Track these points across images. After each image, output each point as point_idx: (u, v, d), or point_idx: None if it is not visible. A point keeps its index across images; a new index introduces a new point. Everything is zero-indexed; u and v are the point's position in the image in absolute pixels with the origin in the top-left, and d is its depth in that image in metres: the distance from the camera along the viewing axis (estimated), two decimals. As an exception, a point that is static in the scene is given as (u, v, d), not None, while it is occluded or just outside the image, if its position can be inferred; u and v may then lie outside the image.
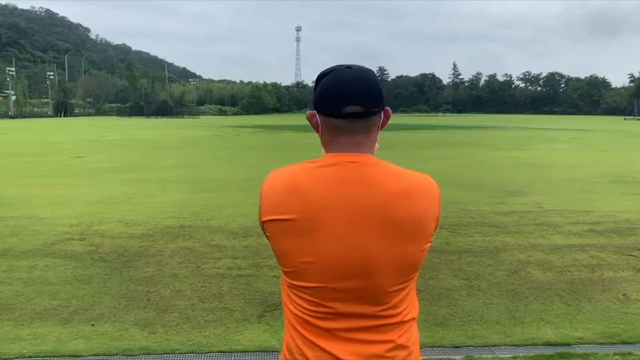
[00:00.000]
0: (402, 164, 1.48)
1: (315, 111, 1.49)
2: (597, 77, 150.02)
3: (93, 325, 4.37)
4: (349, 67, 1.48)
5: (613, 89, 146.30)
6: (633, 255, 6.48)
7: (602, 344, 4.12)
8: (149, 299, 4.95)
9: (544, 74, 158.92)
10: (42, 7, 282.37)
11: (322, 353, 1.44)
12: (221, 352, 3.96)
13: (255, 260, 6.16)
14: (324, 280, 1.43)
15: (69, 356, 3.87)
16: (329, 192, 1.41)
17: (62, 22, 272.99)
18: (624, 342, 4.15)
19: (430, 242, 1.47)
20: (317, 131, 1.52)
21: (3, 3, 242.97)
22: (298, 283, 1.46)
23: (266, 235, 1.50)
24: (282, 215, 1.43)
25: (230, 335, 4.21)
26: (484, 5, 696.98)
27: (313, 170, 1.45)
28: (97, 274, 5.64)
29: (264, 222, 1.48)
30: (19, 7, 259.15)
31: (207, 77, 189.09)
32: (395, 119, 77.86)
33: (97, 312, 4.64)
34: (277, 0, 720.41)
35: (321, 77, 1.50)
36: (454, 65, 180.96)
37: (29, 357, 3.85)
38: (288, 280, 1.49)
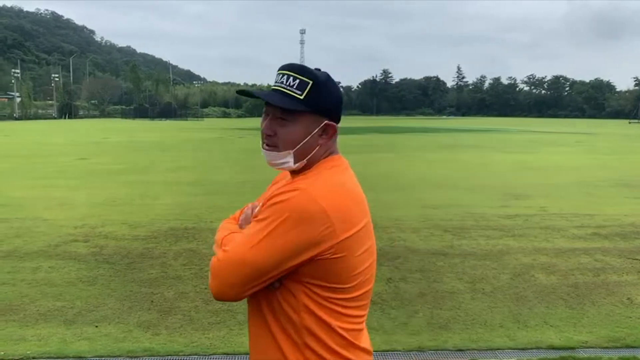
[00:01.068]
0: (406, 166, 1.53)
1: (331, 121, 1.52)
2: (601, 81, 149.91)
3: (97, 326, 4.38)
4: (318, 69, 1.54)
5: (618, 92, 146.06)
6: (637, 259, 6.46)
7: (606, 347, 4.11)
8: (152, 301, 4.96)
9: (548, 77, 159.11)
10: (47, 9, 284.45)
11: (364, 354, 1.49)
12: (224, 354, 3.97)
13: (259, 262, 6.15)
14: (373, 278, 1.51)
15: (73, 357, 3.88)
16: (361, 191, 1.51)
17: (67, 24, 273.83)
18: (628, 346, 4.13)
19: None
20: (316, 139, 1.50)
21: (8, 5, 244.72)
22: (357, 293, 1.44)
23: (333, 259, 1.37)
24: (357, 226, 1.41)
25: (234, 338, 4.21)
26: (488, 8, 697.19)
27: (346, 173, 1.51)
28: (101, 276, 5.65)
29: (339, 242, 1.37)
30: (25, 9, 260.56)
31: (211, 80, 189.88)
32: (399, 122, 77.76)
33: (100, 313, 4.65)
34: (280, 0, 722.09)
35: (327, 81, 1.50)
36: (458, 68, 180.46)
37: (33, 357, 3.86)
38: (343, 296, 1.42)
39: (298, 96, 1.45)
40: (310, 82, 1.46)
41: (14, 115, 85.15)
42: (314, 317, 1.40)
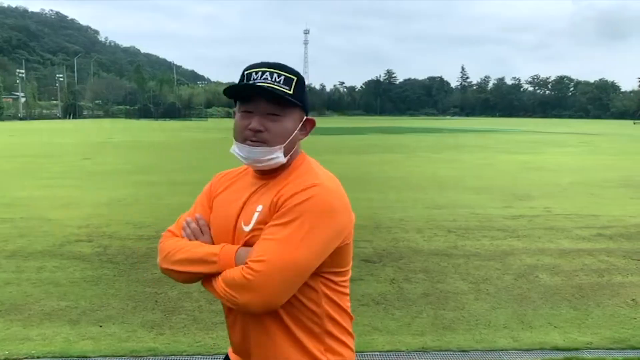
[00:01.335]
0: (409, 166, 1.54)
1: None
2: (606, 81, 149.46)
3: (101, 326, 4.39)
4: None
5: (622, 92, 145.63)
6: (642, 260, 6.43)
7: (611, 349, 4.10)
8: (156, 301, 4.96)
9: (552, 78, 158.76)
10: (52, 10, 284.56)
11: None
12: (228, 354, 3.96)
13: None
14: None
15: (77, 357, 3.88)
16: None
17: (72, 24, 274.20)
18: (632, 348, 4.12)
19: None
20: (297, 135, 1.55)
21: (13, 5, 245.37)
22: (350, 273, 1.56)
23: (346, 245, 1.47)
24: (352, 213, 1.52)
25: (237, 338, 4.21)
26: (492, 8, 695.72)
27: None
28: (105, 276, 5.67)
29: (351, 228, 1.50)
30: (29, 10, 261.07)
31: (215, 80, 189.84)
32: (403, 122, 77.70)
33: (105, 313, 4.66)
34: (284, 1, 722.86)
35: (304, 78, 1.54)
36: (462, 69, 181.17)
37: (38, 357, 3.87)
38: (345, 278, 1.53)
39: (287, 91, 1.46)
40: (295, 78, 1.48)
41: (19, 115, 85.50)
42: (332, 303, 1.48)
